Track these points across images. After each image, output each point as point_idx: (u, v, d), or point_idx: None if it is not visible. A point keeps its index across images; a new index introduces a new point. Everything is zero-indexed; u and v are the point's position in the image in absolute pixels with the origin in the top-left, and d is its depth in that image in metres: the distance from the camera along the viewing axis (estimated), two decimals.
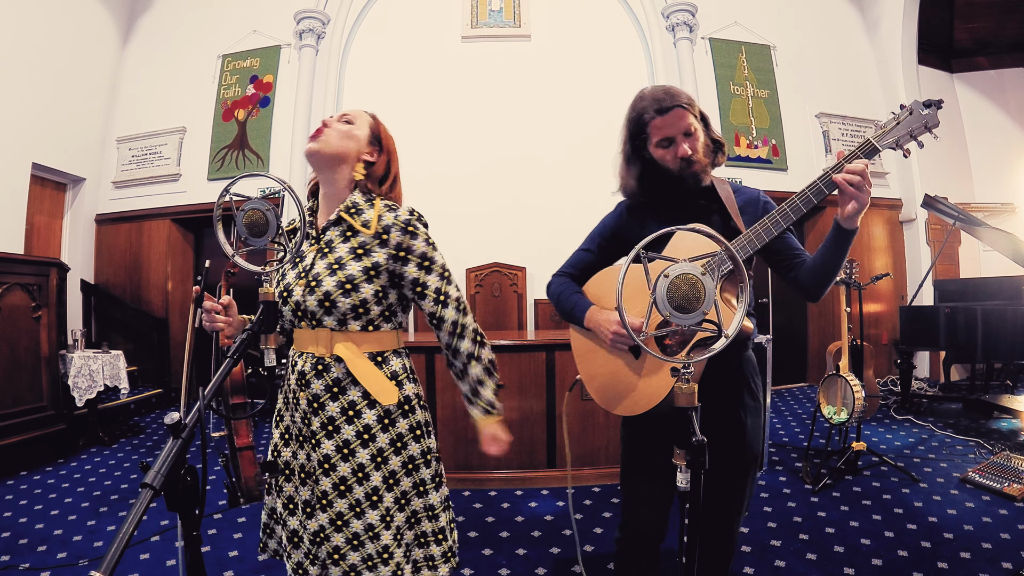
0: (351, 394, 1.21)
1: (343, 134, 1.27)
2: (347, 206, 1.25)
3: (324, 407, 1.21)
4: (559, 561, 2.27)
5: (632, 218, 1.45)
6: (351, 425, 1.20)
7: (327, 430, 1.20)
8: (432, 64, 5.71)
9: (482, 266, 5.40)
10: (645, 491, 1.39)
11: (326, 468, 1.20)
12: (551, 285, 1.53)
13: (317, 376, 1.21)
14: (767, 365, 3.13)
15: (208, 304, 1.19)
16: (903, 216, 6.14)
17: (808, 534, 2.42)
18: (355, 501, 1.19)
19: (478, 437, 1.38)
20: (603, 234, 1.50)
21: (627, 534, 1.42)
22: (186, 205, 5.74)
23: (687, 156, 1.31)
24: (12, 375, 3.45)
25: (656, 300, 0.82)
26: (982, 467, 3.03)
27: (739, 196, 1.38)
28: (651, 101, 1.32)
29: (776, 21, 6.07)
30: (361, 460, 1.20)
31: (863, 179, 1.12)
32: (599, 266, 1.49)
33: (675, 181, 1.34)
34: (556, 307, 1.51)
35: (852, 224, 1.17)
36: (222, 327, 1.21)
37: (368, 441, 1.21)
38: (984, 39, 6.54)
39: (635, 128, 1.36)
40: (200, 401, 0.86)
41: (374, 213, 1.24)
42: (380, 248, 1.22)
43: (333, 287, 1.19)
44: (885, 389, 5.36)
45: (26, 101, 4.89)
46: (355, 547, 1.19)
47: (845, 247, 1.21)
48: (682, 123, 1.30)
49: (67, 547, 2.39)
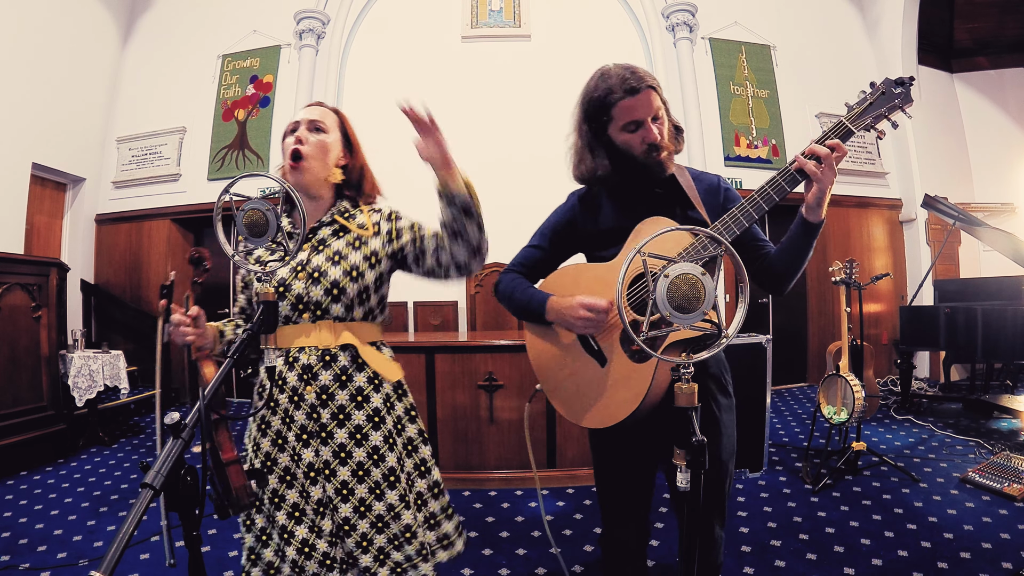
0: (357, 380, 1.25)
1: (320, 150, 1.29)
2: (340, 210, 1.32)
3: (334, 397, 1.23)
4: (559, 561, 2.26)
5: (586, 209, 1.36)
6: (361, 410, 1.23)
7: (338, 419, 1.22)
8: (432, 64, 5.71)
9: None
10: (622, 500, 1.36)
11: (342, 457, 1.21)
12: (500, 283, 1.40)
13: (325, 367, 1.23)
14: (767, 365, 3.13)
15: (176, 317, 1.15)
16: (903, 216, 6.14)
17: (808, 534, 2.42)
18: (374, 484, 1.22)
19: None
20: (555, 229, 1.39)
21: (611, 543, 1.39)
22: (186, 205, 5.74)
23: (655, 142, 1.22)
24: (12, 375, 3.45)
25: (656, 300, 0.82)
26: (982, 467, 3.03)
27: (699, 184, 1.31)
28: (618, 80, 1.20)
29: (776, 21, 6.07)
30: (375, 443, 1.23)
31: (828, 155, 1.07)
32: (550, 263, 1.40)
33: (639, 168, 1.25)
34: (508, 304, 1.37)
35: (816, 216, 1.12)
36: (192, 339, 1.17)
37: (379, 424, 1.24)
38: (984, 39, 6.53)
39: (596, 109, 1.25)
40: (200, 401, 0.86)
41: (365, 216, 1.33)
42: (375, 238, 1.29)
43: (340, 275, 1.24)
44: (885, 389, 5.36)
45: (26, 101, 4.89)
46: (380, 529, 1.20)
47: (810, 239, 1.16)
48: (652, 106, 1.21)
49: (67, 547, 2.39)
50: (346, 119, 1.38)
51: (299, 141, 1.27)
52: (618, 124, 1.24)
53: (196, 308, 1.19)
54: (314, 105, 1.36)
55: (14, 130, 4.79)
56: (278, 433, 1.24)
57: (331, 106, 1.38)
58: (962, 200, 5.99)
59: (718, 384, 1.34)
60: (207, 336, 1.22)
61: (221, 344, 1.28)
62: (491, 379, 3.10)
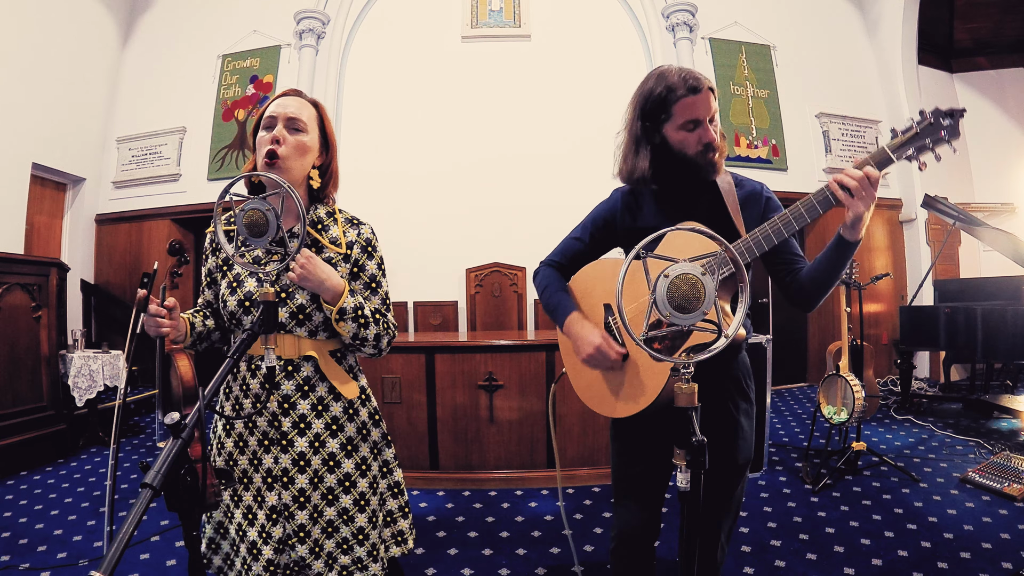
0: (319, 390, 1.24)
1: (298, 151, 1.23)
2: (312, 221, 1.28)
3: (295, 406, 1.22)
4: (559, 561, 2.27)
5: (626, 207, 1.38)
6: (320, 419, 1.23)
7: (299, 428, 1.21)
8: (432, 64, 5.71)
9: (482, 266, 5.40)
10: (636, 492, 1.38)
11: (301, 465, 1.21)
12: (538, 274, 1.47)
13: (287, 377, 1.22)
14: (767, 365, 3.13)
15: (153, 308, 1.13)
16: (903, 216, 6.14)
17: (808, 534, 2.42)
18: (327, 489, 1.22)
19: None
20: (596, 223, 1.43)
21: (620, 535, 1.40)
22: (186, 205, 5.74)
23: (712, 142, 1.23)
24: (12, 375, 3.44)
25: (656, 300, 0.82)
26: (982, 467, 3.03)
27: (740, 190, 1.31)
28: (679, 79, 1.21)
29: (776, 21, 6.07)
30: (332, 450, 1.23)
31: (859, 185, 1.06)
32: (589, 256, 1.44)
33: (692, 168, 1.25)
34: (541, 299, 1.45)
35: (854, 235, 1.11)
36: (167, 331, 1.15)
37: (337, 431, 1.24)
38: (984, 39, 6.53)
39: (655, 106, 1.24)
40: (200, 401, 0.86)
41: (339, 229, 1.28)
42: (344, 263, 1.26)
43: (307, 301, 1.21)
44: (885, 389, 5.36)
45: (26, 101, 4.89)
46: (329, 535, 1.21)
47: (845, 258, 1.16)
48: (710, 106, 1.22)
49: (67, 547, 2.39)
50: (324, 113, 1.31)
51: (276, 140, 1.20)
52: (676, 122, 1.24)
53: (172, 300, 1.17)
54: (291, 95, 1.27)
55: (14, 130, 4.79)
56: (240, 436, 1.24)
57: (309, 98, 1.30)
58: (962, 200, 5.99)
59: (738, 388, 1.35)
60: (181, 328, 1.21)
61: (191, 336, 1.26)
62: (491, 379, 3.10)
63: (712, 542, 1.35)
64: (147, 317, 1.13)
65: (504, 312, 5.37)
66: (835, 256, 1.17)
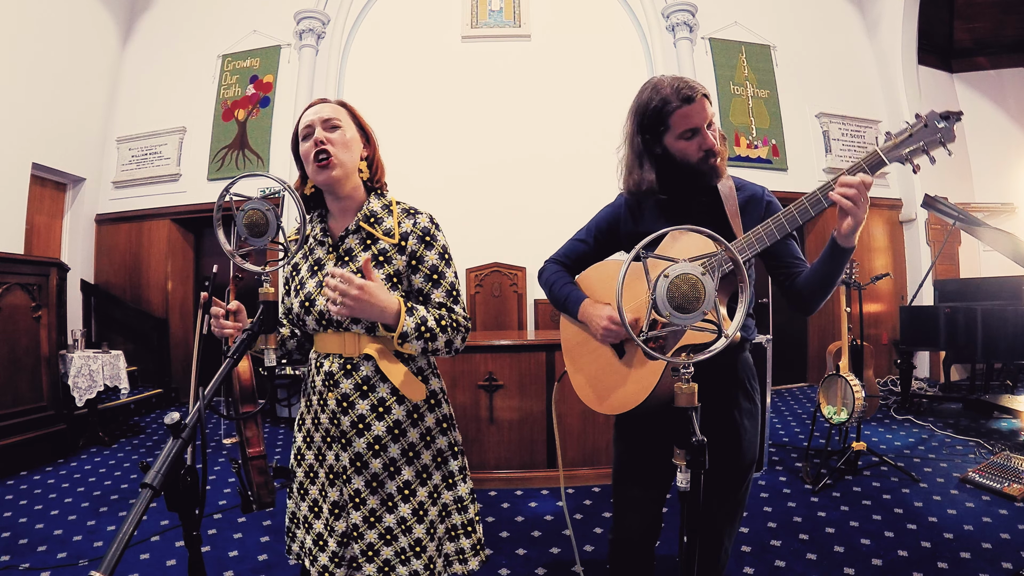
0: (380, 391, 1.22)
1: (344, 146, 1.23)
2: (365, 215, 1.26)
3: (354, 406, 1.21)
4: (559, 561, 2.27)
5: (630, 211, 1.40)
6: (381, 421, 1.21)
7: (358, 428, 1.21)
8: (432, 64, 5.71)
9: (482, 266, 5.40)
10: (637, 492, 1.38)
11: (358, 466, 1.21)
12: (544, 271, 1.51)
13: (346, 376, 1.21)
14: (767, 365, 3.13)
15: (215, 309, 1.15)
16: (903, 216, 6.14)
17: (808, 534, 2.42)
18: (387, 496, 1.21)
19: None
20: (599, 226, 1.46)
21: (619, 536, 1.41)
22: (186, 205, 5.74)
23: (712, 147, 1.25)
24: (12, 375, 3.45)
25: (656, 300, 0.82)
26: (982, 467, 3.03)
27: (741, 193, 1.32)
28: (672, 90, 1.23)
29: (776, 21, 6.07)
30: (393, 455, 1.22)
31: (859, 193, 1.06)
32: (593, 258, 1.46)
33: (694, 175, 1.28)
34: (548, 295, 1.48)
35: (848, 242, 1.12)
36: (231, 333, 1.16)
37: (399, 436, 1.23)
38: (984, 39, 6.53)
39: (651, 119, 1.26)
40: (200, 401, 0.86)
41: (394, 220, 1.26)
42: (399, 255, 1.23)
43: None
44: (885, 389, 5.36)
45: (26, 101, 4.89)
46: (388, 542, 1.20)
47: (840, 265, 1.17)
48: (706, 113, 1.24)
49: (67, 547, 2.39)
50: (354, 109, 1.32)
51: (321, 142, 1.20)
52: (675, 132, 1.26)
53: (236, 303, 1.18)
54: (320, 103, 1.28)
55: (14, 130, 4.79)
56: (308, 431, 1.28)
57: (336, 100, 1.31)
58: (962, 200, 5.99)
59: (742, 388, 1.36)
60: None
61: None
62: (491, 379, 3.10)
63: (714, 544, 1.34)
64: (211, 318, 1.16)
65: (504, 312, 5.37)
66: (830, 263, 1.18)
